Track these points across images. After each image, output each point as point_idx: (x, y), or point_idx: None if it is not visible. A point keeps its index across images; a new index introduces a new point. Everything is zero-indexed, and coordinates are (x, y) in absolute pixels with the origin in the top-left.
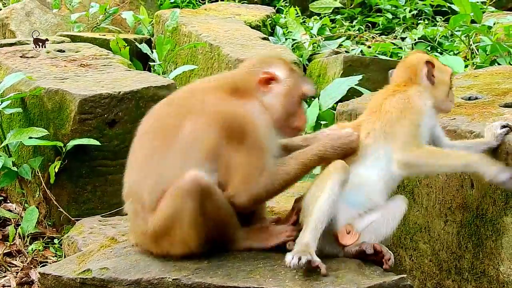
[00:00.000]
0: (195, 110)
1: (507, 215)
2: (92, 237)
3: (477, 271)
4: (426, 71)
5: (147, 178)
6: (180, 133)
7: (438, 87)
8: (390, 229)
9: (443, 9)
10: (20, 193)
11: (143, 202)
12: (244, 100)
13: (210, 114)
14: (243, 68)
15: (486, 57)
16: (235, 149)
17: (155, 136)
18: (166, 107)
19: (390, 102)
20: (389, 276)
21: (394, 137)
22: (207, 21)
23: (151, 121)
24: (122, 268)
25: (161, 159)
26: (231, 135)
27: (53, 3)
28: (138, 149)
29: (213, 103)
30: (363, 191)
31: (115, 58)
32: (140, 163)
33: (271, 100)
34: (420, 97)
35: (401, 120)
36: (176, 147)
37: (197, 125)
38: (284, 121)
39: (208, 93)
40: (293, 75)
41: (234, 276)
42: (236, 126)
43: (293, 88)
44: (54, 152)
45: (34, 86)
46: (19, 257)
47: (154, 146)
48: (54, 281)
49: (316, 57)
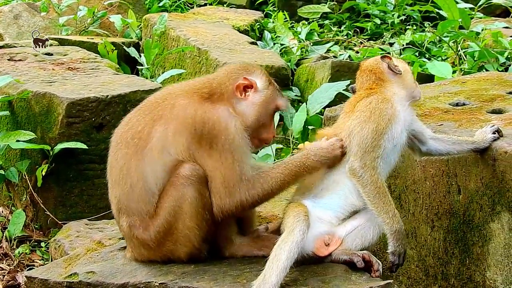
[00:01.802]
0: (165, 115)
1: (493, 221)
2: (79, 241)
3: (464, 277)
4: (387, 65)
5: (133, 188)
6: (151, 140)
7: (404, 75)
8: (376, 235)
9: (431, 15)
10: (7, 196)
11: (140, 212)
12: (217, 105)
13: (179, 118)
14: (223, 72)
15: (474, 63)
16: (207, 154)
17: (127, 145)
18: (137, 115)
19: (364, 102)
20: (376, 282)
21: (358, 141)
22: (195, 25)
23: (122, 130)
24: (108, 272)
25: (139, 168)
26: (201, 140)
27: (41, 6)
28: (113, 162)
29: (184, 107)
30: (339, 193)
31: (103, 61)
32: (119, 176)
33: (246, 108)
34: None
35: (368, 123)
36: (150, 154)
37: (167, 130)
38: (254, 131)
39: (179, 98)
40: (270, 87)
41: (220, 281)
42: (206, 132)
43: (269, 99)
44: (42, 156)
45: (22, 89)
46: (5, 260)
47: (128, 155)
48: (40, 284)
49: (304, 62)
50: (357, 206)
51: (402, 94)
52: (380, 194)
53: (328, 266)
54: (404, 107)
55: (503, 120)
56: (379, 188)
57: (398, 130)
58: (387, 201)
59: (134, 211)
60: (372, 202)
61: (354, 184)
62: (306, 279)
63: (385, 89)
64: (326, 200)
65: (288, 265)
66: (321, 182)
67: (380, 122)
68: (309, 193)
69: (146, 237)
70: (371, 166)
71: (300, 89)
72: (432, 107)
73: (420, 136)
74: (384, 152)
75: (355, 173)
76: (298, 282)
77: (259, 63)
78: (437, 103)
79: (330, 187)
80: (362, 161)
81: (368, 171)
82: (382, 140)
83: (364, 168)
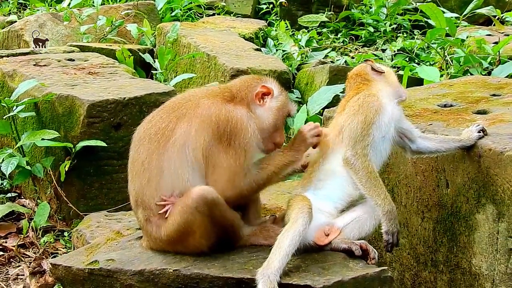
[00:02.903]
0: (189, 113)
1: (479, 212)
2: (99, 231)
3: (451, 264)
4: (370, 66)
5: (150, 182)
6: (174, 135)
7: (388, 75)
8: (373, 226)
9: (420, 23)
10: (33, 190)
11: (151, 208)
12: (238, 107)
13: (203, 116)
14: (240, 81)
15: (460, 67)
16: (224, 150)
17: (150, 140)
18: (161, 113)
19: (353, 99)
20: (371, 268)
21: (349, 132)
22: (205, 33)
23: (145, 127)
24: (126, 260)
25: (159, 162)
26: (222, 137)
27: (64, 16)
28: (135, 156)
29: (208, 106)
30: (336, 184)
31: (120, 66)
32: (140, 170)
33: (263, 113)
34: (378, 92)
35: (357, 115)
36: (171, 149)
37: (191, 126)
38: (269, 135)
39: (203, 99)
40: (284, 93)
41: (229, 267)
42: (228, 129)
43: (283, 105)
44: (65, 153)
45: (46, 92)
46: (32, 249)
47: (150, 150)
48: (64, 271)
49: (304, 66)
50: (354, 196)
51: (387, 90)
52: (372, 179)
53: (327, 254)
54: (391, 102)
55: (487, 120)
56: (370, 173)
57: (385, 121)
58: (378, 185)
59: (149, 206)
60: (364, 187)
61: (348, 172)
62: (308, 266)
63: (371, 87)
64: (325, 191)
65: (290, 252)
66: (320, 174)
67: (368, 113)
68: (310, 185)
69: (158, 236)
70: (362, 153)
71: (300, 92)
72: (422, 108)
73: (409, 134)
74: (373, 141)
75: (348, 162)
76: (300, 268)
77: (263, 67)
78: (426, 105)
79: (328, 178)
80: (353, 150)
81: (359, 158)
82: (371, 130)
83: (356, 156)
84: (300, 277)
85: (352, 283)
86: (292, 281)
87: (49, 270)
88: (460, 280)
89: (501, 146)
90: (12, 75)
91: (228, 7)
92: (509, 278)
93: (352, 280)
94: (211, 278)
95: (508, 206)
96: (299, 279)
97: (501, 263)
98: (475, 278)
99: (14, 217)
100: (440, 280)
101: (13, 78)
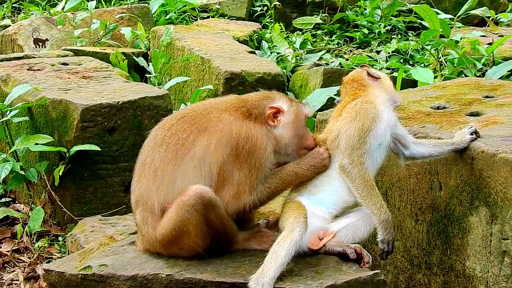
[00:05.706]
0: (210, 128)
1: (472, 215)
2: (94, 235)
3: (445, 266)
4: (366, 72)
5: (159, 188)
6: (194, 148)
7: (383, 80)
8: (367, 233)
9: (414, 25)
10: (28, 195)
11: (153, 210)
12: (257, 125)
13: (224, 131)
14: (252, 97)
15: (454, 69)
16: (238, 167)
17: (168, 149)
18: (181, 123)
19: (350, 105)
20: (364, 272)
21: (346, 139)
22: (199, 36)
23: (163, 134)
24: (119, 265)
25: (174, 172)
26: (240, 154)
27: (58, 20)
28: (148, 160)
29: (229, 122)
30: (331, 190)
31: (114, 70)
32: (151, 174)
33: (281, 130)
34: (375, 99)
35: (354, 122)
36: (189, 161)
37: (210, 141)
38: (296, 145)
39: (225, 112)
40: (293, 103)
41: (222, 272)
42: (247, 147)
43: (298, 114)
44: (59, 157)
45: (40, 96)
46: (26, 254)
47: (167, 159)
48: (57, 276)
49: (298, 69)
50: (349, 202)
51: (384, 96)
52: (368, 188)
53: (321, 258)
54: (387, 109)
55: (480, 122)
56: (367, 182)
57: (382, 128)
58: (374, 194)
59: (150, 208)
60: (361, 195)
61: (344, 179)
62: (301, 270)
63: (367, 93)
64: (320, 196)
65: (286, 261)
66: (315, 179)
67: (365, 121)
68: (305, 190)
69: (153, 236)
70: (359, 161)
71: (295, 94)
72: (415, 111)
73: (403, 140)
74: (370, 148)
75: (345, 170)
76: (293, 272)
77: (257, 70)
78: (419, 107)
79: (323, 184)
80: (350, 158)
81: (356, 166)
82: (368, 138)
83: (353, 164)
84: (293, 281)
85: (345, 286)
86: (285, 285)
87: (43, 276)
88: (454, 282)
89: (494, 148)
90: (6, 79)
91: (222, 9)
92: (503, 280)
93: (345, 283)
94: (204, 283)
95: (501, 208)
96: (292, 283)
97: (495, 265)
98: (469, 280)
99: (8, 222)
100: (434, 282)
101: (7, 83)
